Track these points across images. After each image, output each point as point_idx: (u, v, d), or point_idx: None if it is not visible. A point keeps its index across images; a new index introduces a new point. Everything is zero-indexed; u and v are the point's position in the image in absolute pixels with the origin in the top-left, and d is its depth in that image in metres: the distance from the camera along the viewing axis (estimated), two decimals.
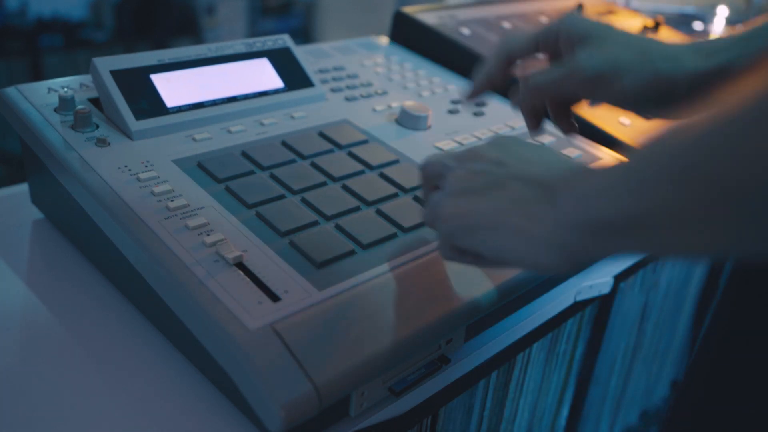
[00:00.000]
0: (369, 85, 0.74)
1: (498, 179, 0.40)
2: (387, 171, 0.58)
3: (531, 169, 0.40)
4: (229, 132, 0.59)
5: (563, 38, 0.50)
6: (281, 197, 0.53)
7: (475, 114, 0.72)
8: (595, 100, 0.51)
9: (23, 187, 0.64)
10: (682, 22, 1.56)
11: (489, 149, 0.43)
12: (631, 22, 1.13)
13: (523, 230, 0.37)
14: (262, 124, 0.61)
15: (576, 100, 0.53)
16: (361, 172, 0.58)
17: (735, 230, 0.30)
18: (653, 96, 0.48)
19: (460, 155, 0.44)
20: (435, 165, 0.46)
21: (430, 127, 0.68)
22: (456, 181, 0.42)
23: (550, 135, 0.70)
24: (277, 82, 0.65)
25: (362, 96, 0.71)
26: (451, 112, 0.72)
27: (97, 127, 0.55)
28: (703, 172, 0.29)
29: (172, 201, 0.49)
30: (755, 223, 0.29)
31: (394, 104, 0.70)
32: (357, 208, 0.53)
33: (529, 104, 0.53)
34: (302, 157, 0.58)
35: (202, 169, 0.54)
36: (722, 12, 1.60)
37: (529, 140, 0.44)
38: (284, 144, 0.59)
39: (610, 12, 1.14)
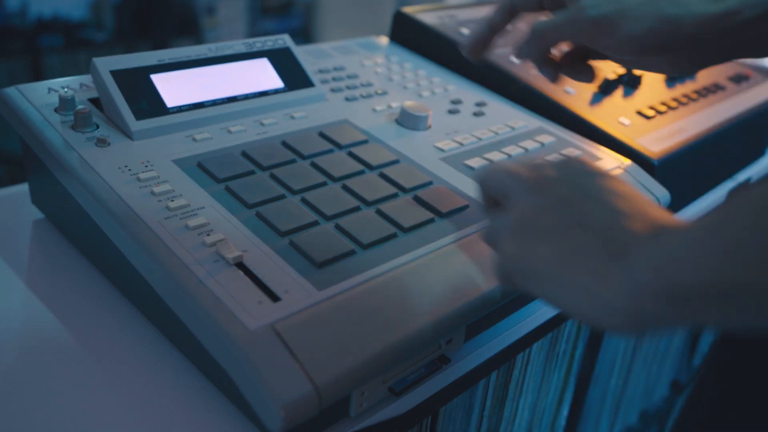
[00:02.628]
0: (369, 85, 0.74)
1: (564, 223, 0.37)
2: (387, 171, 0.58)
3: (601, 216, 0.36)
4: (229, 132, 0.59)
5: None
6: (281, 197, 0.53)
7: (475, 114, 0.72)
8: (599, 48, 0.50)
9: (23, 187, 0.64)
10: None
11: (557, 180, 0.40)
12: None
13: (587, 289, 0.35)
14: (262, 124, 0.61)
15: (584, 50, 0.53)
16: (361, 172, 0.58)
17: None
18: (658, 42, 0.47)
19: (526, 178, 0.41)
20: (497, 182, 0.43)
21: (430, 127, 0.68)
22: (519, 216, 0.39)
23: (550, 135, 0.70)
24: (277, 82, 0.65)
25: (362, 96, 0.71)
26: (451, 112, 0.72)
27: (97, 127, 0.55)
28: None
29: (172, 201, 0.49)
30: None
31: (394, 104, 0.70)
32: (357, 208, 0.53)
33: (536, 53, 0.52)
34: (302, 157, 0.58)
35: (202, 169, 0.54)
36: None
37: (597, 169, 0.41)
38: (284, 144, 0.59)
39: None
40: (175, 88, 0.59)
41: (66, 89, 0.57)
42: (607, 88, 0.82)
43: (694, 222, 0.32)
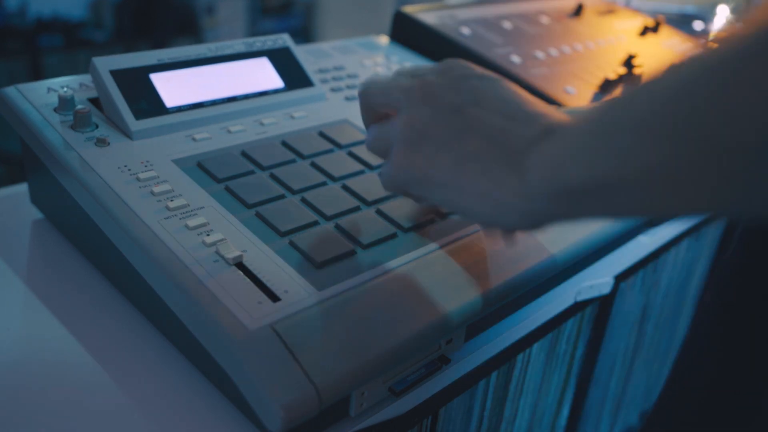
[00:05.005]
0: None
1: (457, 131, 0.38)
2: None
3: (492, 122, 0.37)
4: (229, 132, 0.59)
5: None
6: (281, 197, 0.52)
7: None
8: None
9: (23, 187, 0.64)
10: (682, 21, 1.56)
11: (443, 87, 0.40)
12: (631, 22, 1.13)
13: (485, 193, 0.36)
14: (261, 124, 0.61)
15: None
16: (361, 172, 0.58)
17: (735, 189, 0.25)
18: None
19: (411, 87, 0.42)
20: (382, 95, 0.44)
21: None
22: (410, 127, 0.40)
23: None
24: (277, 82, 0.65)
25: None
26: None
27: (97, 126, 0.55)
28: (694, 128, 0.26)
29: (171, 201, 0.49)
30: (760, 181, 0.24)
31: None
32: (357, 208, 0.53)
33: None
34: (302, 156, 0.58)
35: (201, 169, 0.54)
36: (722, 11, 1.60)
37: (480, 72, 0.42)
38: (284, 144, 0.59)
39: (611, 12, 1.14)
40: (175, 87, 0.59)
41: (65, 89, 0.57)
42: (607, 88, 0.82)
43: (581, 117, 0.33)
